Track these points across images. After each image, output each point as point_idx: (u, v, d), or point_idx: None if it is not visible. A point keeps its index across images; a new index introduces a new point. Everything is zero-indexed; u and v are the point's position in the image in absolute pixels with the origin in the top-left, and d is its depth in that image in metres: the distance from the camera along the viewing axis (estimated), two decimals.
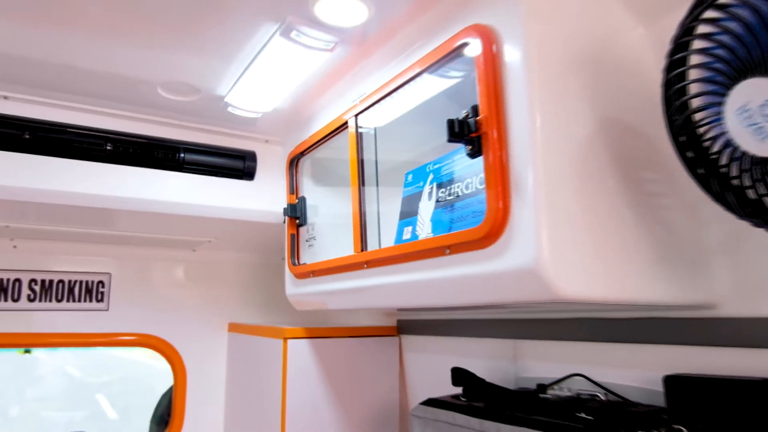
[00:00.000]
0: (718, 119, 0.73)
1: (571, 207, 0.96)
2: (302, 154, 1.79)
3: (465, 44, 1.09)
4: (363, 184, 1.45)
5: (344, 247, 1.50)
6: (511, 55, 1.00)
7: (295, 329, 1.86)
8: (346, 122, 1.49)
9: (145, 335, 2.30)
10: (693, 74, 0.76)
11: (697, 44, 0.75)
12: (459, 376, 1.51)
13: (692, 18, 0.74)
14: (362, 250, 1.41)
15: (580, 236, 0.96)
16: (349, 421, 1.88)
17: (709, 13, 0.72)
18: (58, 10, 1.19)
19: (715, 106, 0.72)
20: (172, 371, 2.37)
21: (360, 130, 1.48)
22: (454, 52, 1.13)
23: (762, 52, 0.65)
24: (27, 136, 1.57)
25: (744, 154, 0.71)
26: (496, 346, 1.61)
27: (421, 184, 1.42)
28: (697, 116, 0.76)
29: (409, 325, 1.99)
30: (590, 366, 1.33)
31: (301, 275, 1.73)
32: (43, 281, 2.13)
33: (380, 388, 1.95)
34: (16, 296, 2.08)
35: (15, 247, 2.10)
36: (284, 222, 1.84)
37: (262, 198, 1.93)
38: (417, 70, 1.22)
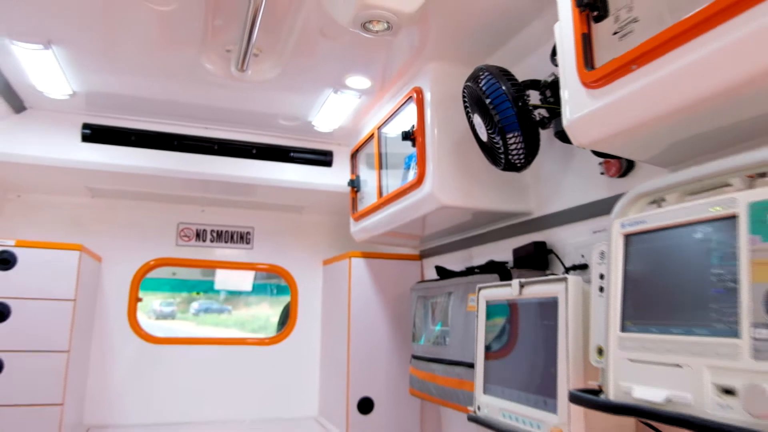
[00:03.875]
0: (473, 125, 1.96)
1: (450, 168, 2.21)
2: (358, 150, 3.13)
3: (412, 95, 2.37)
4: (381, 167, 2.76)
5: (375, 199, 2.82)
6: (426, 98, 2.27)
7: (355, 252, 3.21)
8: (373, 133, 2.81)
9: (273, 265, 3.77)
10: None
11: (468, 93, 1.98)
12: (438, 269, 2.77)
13: (465, 85, 1.96)
14: (380, 196, 2.72)
15: (454, 179, 2.20)
16: (387, 300, 3.18)
17: (467, 84, 1.94)
18: (236, 84, 2.63)
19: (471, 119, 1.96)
20: (290, 289, 3.82)
21: (383, 136, 2.79)
22: (410, 98, 2.41)
23: (475, 107, 1.88)
24: (216, 147, 3.06)
25: (482, 140, 1.94)
26: (463, 254, 2.84)
27: (411, 163, 2.70)
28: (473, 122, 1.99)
29: (426, 252, 3.26)
30: (496, 254, 2.53)
31: (357, 218, 3.07)
32: (218, 231, 3.67)
33: (406, 285, 3.24)
34: (204, 239, 3.64)
35: (203, 211, 3.66)
36: (349, 190, 3.20)
37: (337, 177, 3.31)
38: (398, 106, 2.52)
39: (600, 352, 1.36)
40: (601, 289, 1.36)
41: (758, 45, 0.97)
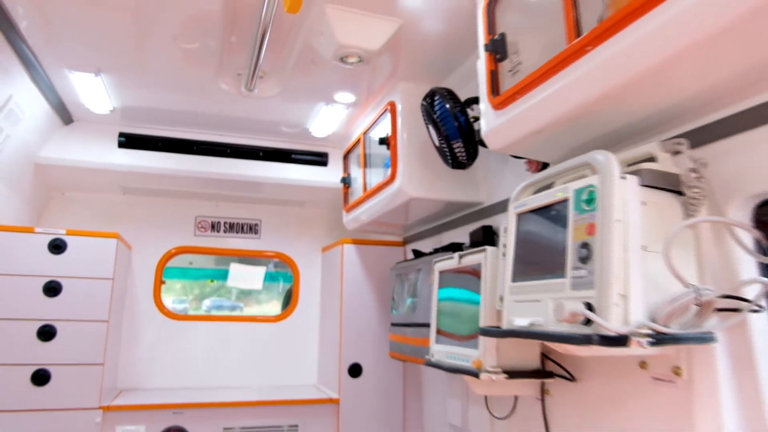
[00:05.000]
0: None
1: (417, 164, 2.74)
2: (349, 152, 3.67)
3: (387, 108, 2.90)
4: (366, 167, 3.30)
5: (361, 193, 3.36)
6: (398, 110, 2.81)
7: (347, 239, 3.74)
8: (360, 138, 3.35)
9: (278, 252, 4.33)
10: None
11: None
12: (414, 252, 3.30)
13: (421, 103, 2.49)
14: (365, 190, 3.26)
15: (420, 174, 2.73)
16: (374, 280, 3.72)
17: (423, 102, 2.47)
18: (246, 99, 3.18)
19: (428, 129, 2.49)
20: (292, 274, 4.37)
21: (368, 140, 3.33)
22: (387, 110, 2.94)
23: (429, 120, 2.40)
24: (228, 151, 3.62)
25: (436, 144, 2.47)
26: (436, 238, 3.37)
27: (389, 163, 3.24)
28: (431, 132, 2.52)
29: (408, 238, 3.80)
30: (459, 237, 3.05)
31: (348, 210, 3.61)
32: (230, 223, 4.23)
33: (389, 266, 3.77)
34: (218, 230, 4.20)
35: (217, 206, 4.22)
36: (342, 186, 3.73)
37: (332, 175, 3.85)
38: (378, 116, 3.05)
39: (501, 299, 1.88)
40: (504, 254, 1.88)
41: (586, 83, 1.50)
